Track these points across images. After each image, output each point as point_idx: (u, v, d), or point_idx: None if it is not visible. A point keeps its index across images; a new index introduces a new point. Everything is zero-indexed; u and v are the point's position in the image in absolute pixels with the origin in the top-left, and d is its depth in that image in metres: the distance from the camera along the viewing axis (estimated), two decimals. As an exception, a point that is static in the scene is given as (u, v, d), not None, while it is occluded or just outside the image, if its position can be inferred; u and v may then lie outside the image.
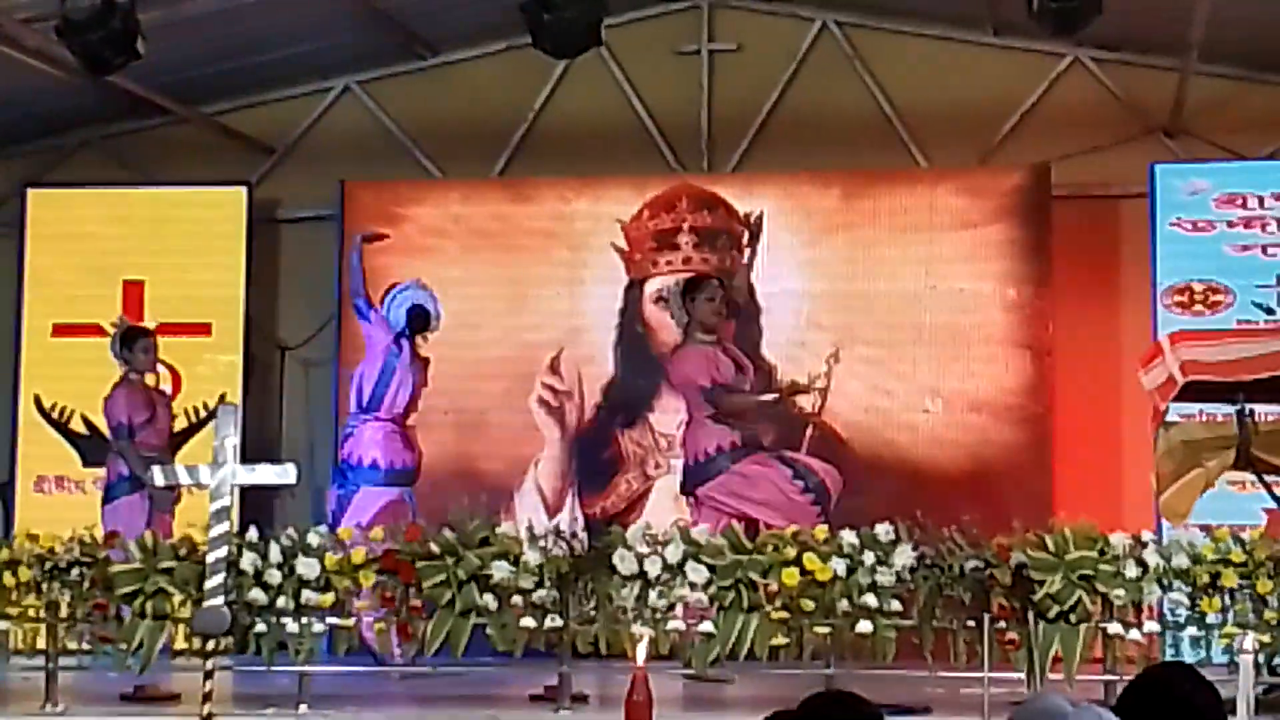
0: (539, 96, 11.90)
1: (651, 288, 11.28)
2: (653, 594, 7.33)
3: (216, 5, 10.25)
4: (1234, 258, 10.66)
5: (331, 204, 11.59)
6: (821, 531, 7.51)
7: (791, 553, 7.29)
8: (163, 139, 12.19)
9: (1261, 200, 10.70)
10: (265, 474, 7.57)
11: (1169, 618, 7.47)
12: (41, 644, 7.84)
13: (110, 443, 9.39)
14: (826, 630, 7.26)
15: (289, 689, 7.61)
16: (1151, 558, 7.22)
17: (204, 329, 11.48)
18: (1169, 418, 8.20)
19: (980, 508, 9.39)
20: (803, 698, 3.21)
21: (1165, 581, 7.26)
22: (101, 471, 11.28)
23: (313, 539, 7.62)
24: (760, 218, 10.17)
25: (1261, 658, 7.05)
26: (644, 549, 7.39)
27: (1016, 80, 11.51)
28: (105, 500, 9.30)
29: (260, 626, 7.49)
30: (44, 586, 7.76)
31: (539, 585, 7.37)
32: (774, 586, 7.27)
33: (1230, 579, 7.23)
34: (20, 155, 12.30)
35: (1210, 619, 7.29)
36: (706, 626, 7.28)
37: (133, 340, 9.64)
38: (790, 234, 11.13)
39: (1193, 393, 7.95)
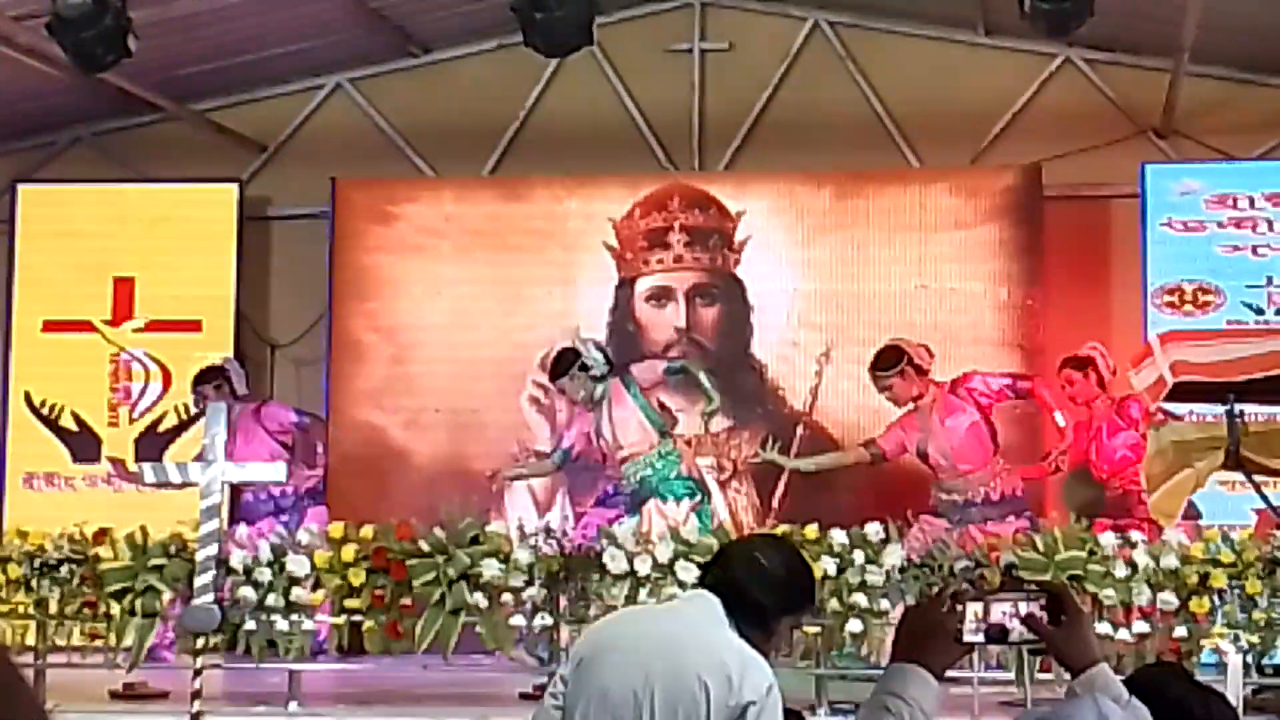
0: (530, 95, 11.88)
1: (642, 287, 11.28)
2: (643, 593, 7.34)
3: (208, 3, 10.26)
4: (1224, 258, 10.67)
5: (323, 202, 11.56)
6: (812, 530, 7.52)
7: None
8: (154, 136, 12.16)
9: (1252, 201, 10.72)
10: (255, 471, 7.57)
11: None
12: (31, 641, 7.83)
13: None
14: (816, 630, 7.27)
15: (279, 687, 7.62)
16: (1141, 558, 7.24)
17: (195, 326, 11.45)
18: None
19: (971, 507, 9.39)
20: None
21: (1154, 582, 7.27)
22: (89, 468, 11.34)
23: (303, 536, 7.62)
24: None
25: (1250, 658, 7.07)
26: (634, 548, 7.39)
27: (1008, 80, 11.52)
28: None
29: (250, 624, 7.49)
30: (33, 583, 7.76)
31: (529, 584, 7.38)
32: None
33: (1219, 579, 7.25)
34: (11, 152, 12.27)
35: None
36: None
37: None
38: (782, 233, 11.13)
39: (1183, 393, 7.97)
